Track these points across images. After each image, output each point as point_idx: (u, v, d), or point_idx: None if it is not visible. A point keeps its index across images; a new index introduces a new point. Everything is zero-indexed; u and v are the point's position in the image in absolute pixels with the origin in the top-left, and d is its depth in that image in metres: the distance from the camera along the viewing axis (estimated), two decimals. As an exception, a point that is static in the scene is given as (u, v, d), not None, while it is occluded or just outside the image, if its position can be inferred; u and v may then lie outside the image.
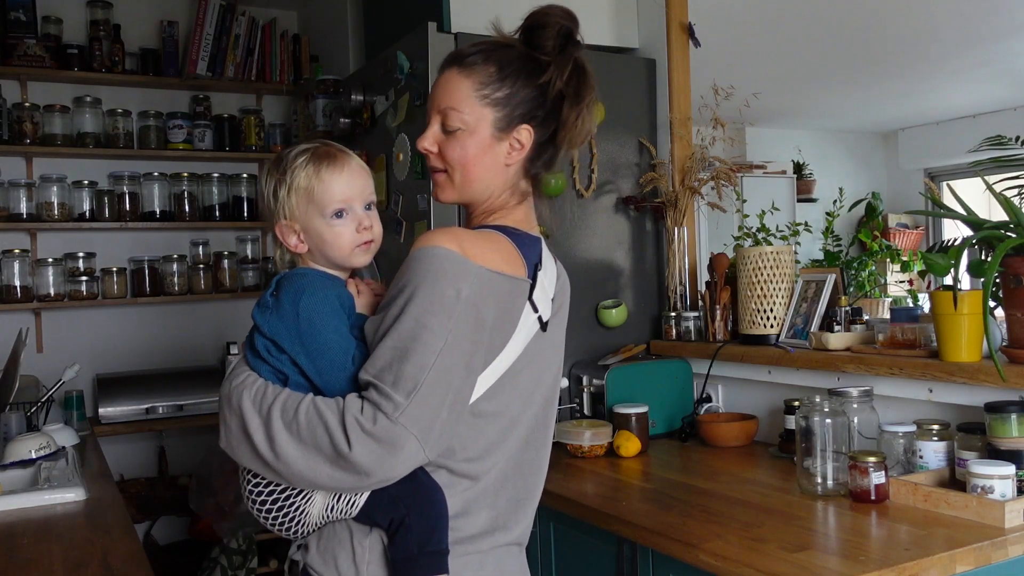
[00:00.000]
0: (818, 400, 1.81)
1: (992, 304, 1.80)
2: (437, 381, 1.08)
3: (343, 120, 2.78)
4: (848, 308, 2.13)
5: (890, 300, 5.29)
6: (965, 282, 1.94)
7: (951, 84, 5.61)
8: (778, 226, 4.39)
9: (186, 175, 3.79)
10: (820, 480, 1.77)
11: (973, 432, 1.69)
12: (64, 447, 2.45)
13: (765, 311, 2.27)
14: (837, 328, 2.10)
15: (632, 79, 2.68)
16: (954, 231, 6.54)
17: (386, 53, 2.60)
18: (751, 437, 2.28)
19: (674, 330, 2.56)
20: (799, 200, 6.67)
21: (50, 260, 3.54)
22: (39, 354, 3.58)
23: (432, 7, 2.48)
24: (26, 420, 2.75)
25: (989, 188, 1.94)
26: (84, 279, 3.57)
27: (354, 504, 1.16)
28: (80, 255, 3.59)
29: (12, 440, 2.39)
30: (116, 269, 3.63)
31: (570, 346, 1.41)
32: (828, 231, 5.91)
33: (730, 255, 2.51)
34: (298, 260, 1.27)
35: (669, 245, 2.59)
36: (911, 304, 4.87)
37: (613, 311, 2.54)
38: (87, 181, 3.61)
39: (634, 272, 2.66)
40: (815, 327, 2.16)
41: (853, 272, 5.50)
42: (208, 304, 3.95)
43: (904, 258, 5.89)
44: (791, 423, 2.04)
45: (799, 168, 6.84)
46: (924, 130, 7.07)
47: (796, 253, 2.89)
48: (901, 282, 5.83)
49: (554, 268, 1.30)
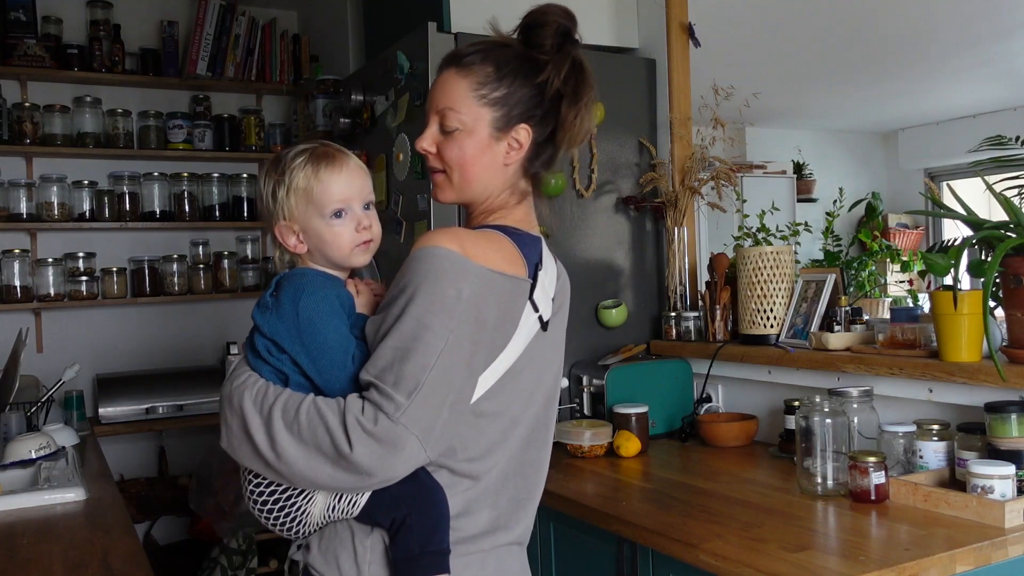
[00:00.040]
0: (818, 400, 1.81)
1: (992, 304, 1.80)
2: (438, 381, 1.08)
3: (343, 120, 2.78)
4: (848, 308, 2.13)
5: (890, 300, 5.29)
6: (965, 282, 1.94)
7: (951, 84, 5.61)
8: (778, 226, 4.39)
9: (186, 175, 3.79)
10: (820, 480, 1.76)
11: (973, 432, 1.69)
12: (64, 447, 2.45)
13: (765, 311, 2.27)
14: (837, 328, 2.10)
15: (632, 79, 2.68)
16: (954, 231, 6.54)
17: (386, 53, 2.60)
18: (751, 437, 2.28)
19: (674, 330, 2.56)
20: (799, 200, 6.67)
21: (50, 260, 3.54)
22: (39, 354, 3.58)
23: (432, 7, 2.49)
24: (26, 420, 2.75)
25: (989, 188, 1.93)
26: (84, 279, 3.57)
27: (355, 504, 1.16)
28: (80, 255, 3.60)
29: (12, 440, 2.39)
30: (116, 269, 3.64)
31: (570, 346, 1.41)
32: (828, 231, 5.90)
33: (730, 255, 2.51)
34: (297, 260, 1.27)
35: (669, 245, 2.59)
36: (911, 304, 4.87)
37: (613, 311, 2.54)
38: (87, 181, 3.61)
39: (634, 272, 2.66)
40: (815, 327, 2.16)
41: (853, 272, 5.49)
42: (208, 304, 3.95)
43: (904, 258, 5.88)
44: (791, 423, 2.04)
45: (799, 168, 6.84)
46: (924, 130, 7.07)
47: (796, 253, 2.89)
48: (901, 282, 5.83)
49: (554, 268, 1.30)
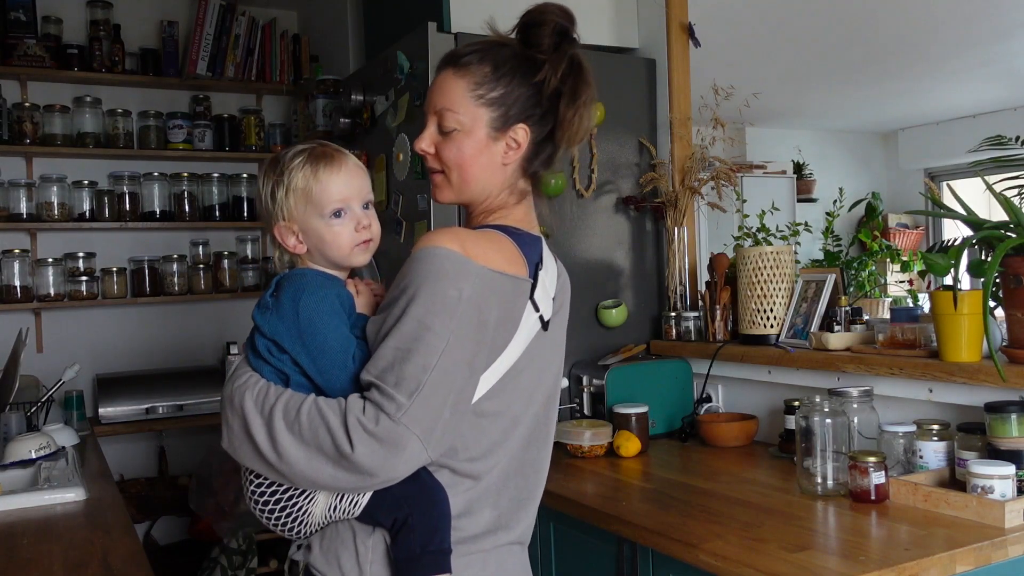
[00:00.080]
0: (818, 400, 1.81)
1: (992, 304, 1.80)
2: (439, 381, 1.08)
3: (343, 120, 2.78)
4: (848, 308, 2.13)
5: (890, 300, 5.28)
6: (965, 282, 1.94)
7: (951, 84, 5.61)
8: (778, 226, 4.39)
9: (186, 175, 3.79)
10: (820, 480, 1.76)
11: (973, 432, 1.69)
12: (64, 447, 2.45)
13: (765, 311, 2.27)
14: (837, 328, 2.10)
15: (632, 79, 2.68)
16: (954, 231, 6.54)
17: (386, 53, 2.59)
18: (751, 437, 2.28)
19: (674, 330, 2.55)
20: (799, 200, 6.67)
21: (50, 260, 3.54)
22: (39, 354, 3.58)
23: (432, 7, 2.48)
24: (26, 420, 2.75)
25: (989, 188, 1.93)
26: (84, 279, 3.57)
27: (357, 504, 1.16)
28: (80, 255, 3.60)
29: (12, 440, 2.39)
30: (116, 269, 3.64)
31: (570, 346, 1.41)
32: (828, 231, 5.90)
33: (730, 255, 2.51)
34: (297, 261, 1.27)
35: (669, 245, 2.59)
36: (911, 304, 4.87)
37: (613, 311, 2.54)
38: (87, 181, 3.62)
39: (634, 272, 2.66)
40: (815, 327, 2.16)
41: (853, 272, 5.49)
42: (208, 304, 3.95)
43: (904, 258, 5.88)
44: (791, 423, 2.03)
45: (799, 168, 6.84)
46: (924, 130, 7.07)
47: (796, 253, 2.89)
48: (901, 282, 5.83)
49: (555, 267, 1.30)
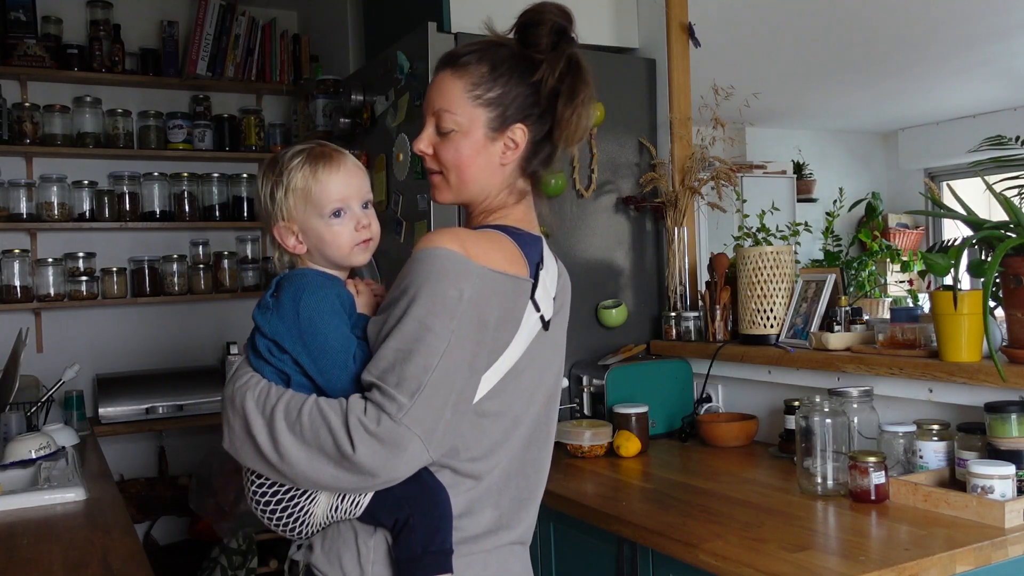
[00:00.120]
0: (818, 400, 1.81)
1: (992, 304, 1.80)
2: (440, 382, 1.08)
3: (343, 120, 2.78)
4: (848, 308, 2.13)
5: (890, 300, 5.29)
6: (965, 282, 1.94)
7: (951, 84, 5.61)
8: (778, 226, 4.39)
9: (186, 175, 3.79)
10: (820, 480, 1.76)
11: (973, 432, 1.69)
12: (64, 447, 2.45)
13: (765, 311, 2.27)
14: (837, 328, 2.10)
15: (632, 79, 2.68)
16: (954, 231, 6.54)
17: (386, 53, 2.59)
18: (751, 437, 2.28)
19: (674, 330, 2.55)
20: (799, 200, 6.67)
21: (50, 260, 3.54)
22: (39, 354, 3.58)
23: (432, 7, 2.48)
24: (26, 420, 2.75)
25: (989, 188, 1.93)
26: (84, 279, 3.57)
27: (358, 504, 1.16)
28: (80, 255, 3.60)
29: (12, 440, 2.39)
30: (116, 269, 3.64)
31: (570, 346, 1.41)
32: (828, 231, 5.90)
33: (730, 255, 2.51)
34: (297, 261, 1.27)
35: (669, 245, 2.59)
36: (911, 304, 4.87)
37: (613, 311, 2.54)
38: (87, 181, 3.62)
39: (634, 272, 2.66)
40: (815, 327, 2.16)
41: (853, 272, 5.49)
42: (208, 304, 3.96)
43: (904, 258, 5.88)
44: (791, 423, 2.03)
45: (799, 168, 6.84)
46: (924, 130, 7.07)
47: (796, 253, 2.89)
48: (901, 282, 5.83)
49: (555, 267, 1.30)
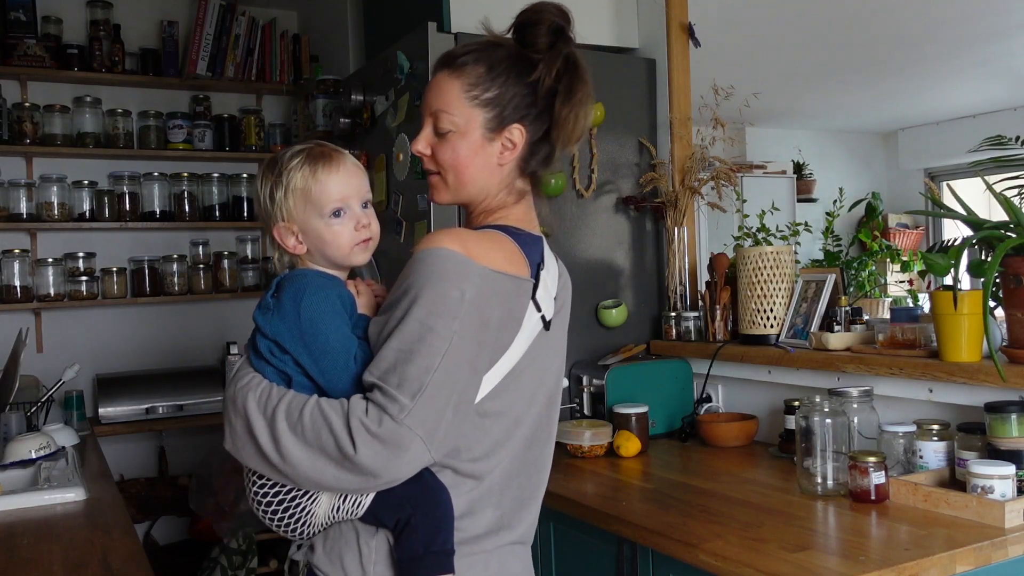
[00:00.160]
0: (818, 400, 1.81)
1: (992, 304, 1.80)
2: (442, 383, 1.08)
3: (343, 120, 2.78)
4: (848, 308, 2.13)
5: (890, 300, 5.29)
6: (965, 282, 1.94)
7: (951, 84, 5.61)
8: (778, 226, 4.39)
9: (186, 175, 3.79)
10: (820, 480, 1.76)
11: (973, 432, 1.69)
12: (64, 447, 2.45)
13: (765, 311, 2.27)
14: (837, 328, 2.10)
15: (632, 79, 2.68)
16: (954, 231, 6.54)
17: (386, 53, 2.59)
18: (751, 437, 2.28)
19: (674, 330, 2.55)
20: (799, 200, 6.67)
21: (50, 260, 3.54)
22: (39, 354, 3.58)
23: (432, 7, 2.48)
24: (26, 420, 2.75)
25: (989, 188, 1.93)
26: (84, 279, 3.57)
27: (360, 505, 1.16)
28: (80, 255, 3.60)
29: (12, 440, 2.39)
30: (116, 269, 3.64)
31: (570, 346, 1.41)
32: (828, 231, 5.91)
33: (730, 255, 2.51)
34: (297, 261, 1.27)
35: (669, 245, 2.59)
36: (911, 304, 4.87)
37: (613, 311, 2.54)
38: (87, 181, 3.61)
39: (634, 272, 2.66)
40: (815, 327, 2.16)
41: (853, 272, 5.50)
42: (208, 304, 3.95)
43: (904, 258, 5.89)
44: (791, 423, 2.03)
45: (799, 168, 6.84)
46: (924, 130, 7.07)
47: (796, 253, 2.89)
48: (901, 282, 5.83)
49: (556, 266, 1.30)
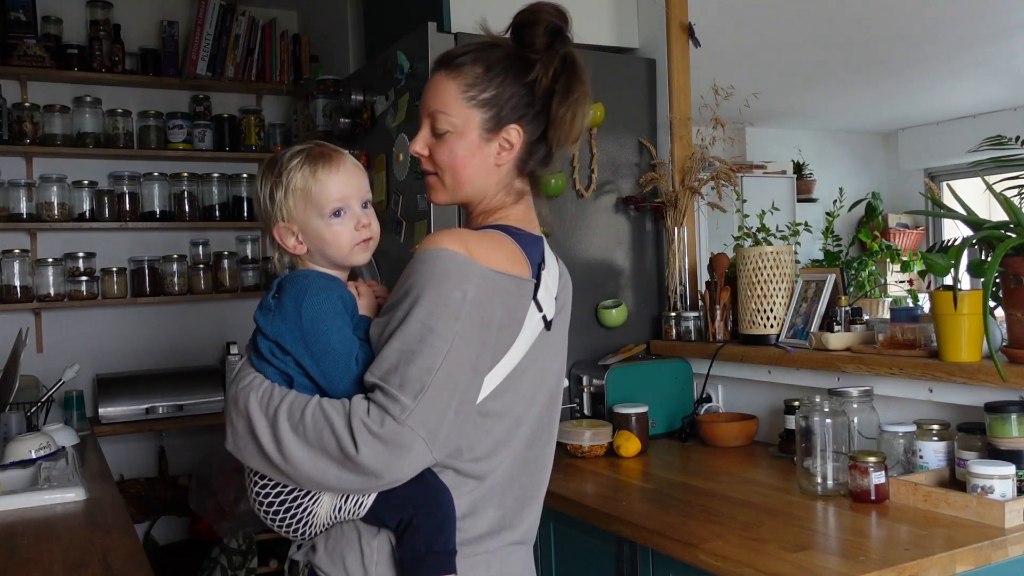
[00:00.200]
0: (818, 400, 1.81)
1: (992, 304, 1.80)
2: (444, 383, 1.08)
3: (343, 120, 2.78)
4: (848, 308, 2.13)
5: (890, 300, 5.29)
6: (965, 282, 1.94)
7: (951, 84, 5.61)
8: (778, 226, 4.39)
9: (186, 175, 3.79)
10: (820, 480, 1.76)
11: (973, 432, 1.69)
12: (64, 447, 2.45)
13: (765, 311, 2.27)
14: (837, 328, 2.10)
15: (632, 79, 2.68)
16: (954, 231, 6.54)
17: (386, 53, 2.59)
18: (751, 437, 2.28)
19: (674, 330, 2.55)
20: (799, 200, 6.68)
21: (50, 260, 3.54)
22: (39, 354, 3.58)
23: (432, 7, 2.48)
24: (26, 420, 2.75)
25: (989, 188, 1.93)
26: (84, 279, 3.57)
27: (362, 505, 1.16)
28: (80, 255, 3.60)
29: (12, 440, 2.39)
30: (116, 269, 3.64)
31: (570, 346, 1.41)
32: (828, 231, 5.91)
33: (730, 255, 2.51)
34: (297, 262, 1.27)
35: (669, 245, 2.59)
36: (911, 304, 4.87)
37: (613, 311, 2.54)
38: (87, 181, 3.61)
39: (634, 272, 2.66)
40: (815, 327, 2.16)
41: (853, 272, 5.50)
42: (208, 304, 3.95)
43: (904, 258, 5.89)
44: (791, 423, 2.03)
45: (799, 168, 6.84)
46: (924, 130, 7.07)
47: (796, 253, 2.89)
48: (901, 282, 5.83)
49: (556, 266, 1.30)
